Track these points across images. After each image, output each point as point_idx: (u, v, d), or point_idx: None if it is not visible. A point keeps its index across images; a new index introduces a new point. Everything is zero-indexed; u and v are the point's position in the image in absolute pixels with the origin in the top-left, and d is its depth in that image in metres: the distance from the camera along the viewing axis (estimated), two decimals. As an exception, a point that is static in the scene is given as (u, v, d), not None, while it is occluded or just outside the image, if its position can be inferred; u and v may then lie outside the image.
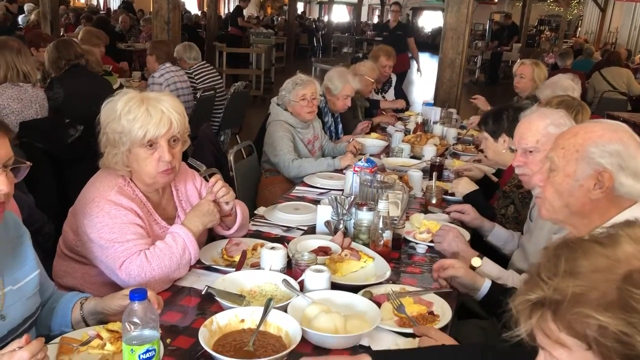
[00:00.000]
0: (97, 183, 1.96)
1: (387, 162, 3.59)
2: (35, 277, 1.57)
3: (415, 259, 2.27)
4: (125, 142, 1.89)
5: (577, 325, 0.80)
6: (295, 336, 1.51)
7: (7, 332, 1.45)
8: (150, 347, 1.30)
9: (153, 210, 2.04)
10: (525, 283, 0.88)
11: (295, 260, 1.93)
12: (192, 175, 2.29)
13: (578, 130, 1.63)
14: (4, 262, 1.49)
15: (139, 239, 1.88)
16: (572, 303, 0.80)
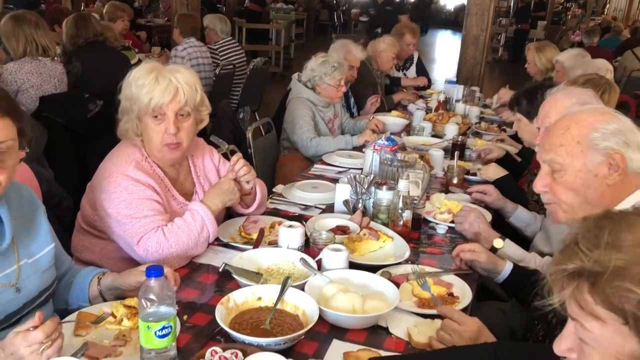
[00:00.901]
0: (115, 158, 1.95)
1: (408, 140, 3.54)
2: (50, 250, 1.57)
3: (435, 239, 2.23)
4: (135, 109, 1.89)
5: (615, 299, 0.78)
6: (313, 315, 1.49)
7: (23, 304, 1.46)
8: (167, 324, 1.29)
9: (171, 186, 2.02)
10: (562, 252, 0.86)
11: (313, 238, 1.91)
12: (210, 151, 2.27)
13: (568, 123, 1.55)
14: (19, 235, 1.49)
15: (156, 215, 1.87)
16: (612, 276, 0.78)
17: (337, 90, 3.57)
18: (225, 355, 1.33)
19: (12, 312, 1.42)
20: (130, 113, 1.91)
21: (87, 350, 1.36)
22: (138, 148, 1.97)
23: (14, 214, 1.46)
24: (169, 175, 2.03)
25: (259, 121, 3.74)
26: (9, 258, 1.45)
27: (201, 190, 2.12)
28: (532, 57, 4.75)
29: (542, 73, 4.70)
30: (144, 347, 1.29)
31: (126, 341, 1.43)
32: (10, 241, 1.43)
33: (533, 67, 4.79)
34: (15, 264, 1.46)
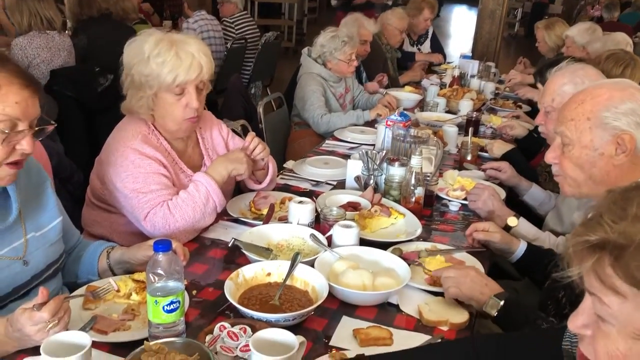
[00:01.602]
0: (122, 131, 1.93)
1: (421, 116, 3.48)
2: (58, 223, 1.56)
3: (448, 216, 2.20)
4: (153, 85, 1.84)
5: (638, 273, 0.74)
6: (322, 291, 1.48)
7: (31, 277, 1.45)
8: (175, 299, 1.28)
9: (178, 159, 2.00)
10: (584, 225, 0.81)
11: (323, 215, 1.88)
12: (219, 124, 2.24)
13: (584, 97, 1.52)
14: (27, 208, 1.48)
15: (162, 189, 1.85)
16: (638, 250, 0.74)
17: (348, 65, 3.52)
18: (233, 330, 1.32)
19: (20, 285, 1.42)
20: (146, 90, 1.85)
21: (96, 324, 1.36)
22: (144, 121, 1.94)
23: (21, 187, 1.46)
24: (175, 148, 2.01)
25: (270, 96, 3.70)
26: (16, 231, 1.44)
27: (210, 162, 2.10)
28: (541, 36, 4.72)
29: (553, 50, 4.65)
30: (152, 322, 1.28)
31: (135, 315, 1.43)
32: (17, 215, 1.43)
33: (544, 45, 4.75)
34: (23, 237, 1.45)
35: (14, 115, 1.28)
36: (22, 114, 1.29)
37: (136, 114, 1.93)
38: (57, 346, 1.14)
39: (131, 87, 1.89)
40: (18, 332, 1.21)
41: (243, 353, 1.25)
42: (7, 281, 1.38)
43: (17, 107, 1.28)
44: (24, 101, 1.29)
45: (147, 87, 1.84)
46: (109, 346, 1.31)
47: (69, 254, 1.67)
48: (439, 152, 2.43)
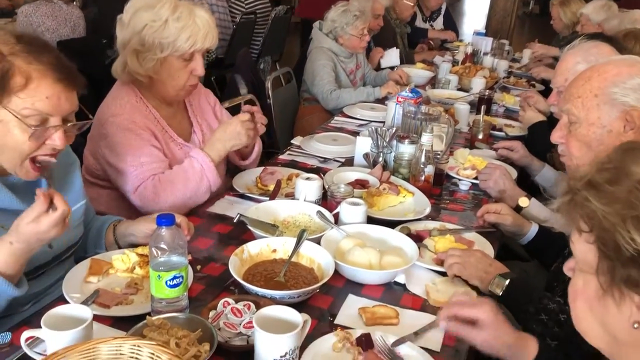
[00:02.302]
0: (109, 102, 1.90)
1: (433, 93, 3.42)
2: (81, 206, 1.54)
3: (458, 195, 2.16)
4: (165, 49, 1.80)
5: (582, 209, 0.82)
6: (328, 269, 1.45)
7: (52, 258, 1.45)
8: (178, 274, 1.25)
9: (168, 127, 1.96)
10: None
11: (331, 192, 1.85)
12: (205, 92, 2.21)
13: (591, 74, 1.48)
14: (55, 187, 1.43)
15: (153, 162, 1.82)
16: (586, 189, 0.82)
17: (360, 40, 3.46)
18: (237, 307, 1.30)
19: (41, 265, 1.42)
20: (156, 52, 1.80)
21: (98, 298, 1.34)
22: (131, 88, 1.91)
23: (51, 171, 1.42)
24: (164, 115, 1.97)
25: (278, 71, 3.64)
26: None
27: (199, 130, 2.07)
28: (556, 13, 4.63)
29: (568, 28, 4.55)
30: (155, 297, 1.27)
31: (138, 289, 1.41)
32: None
33: (558, 22, 4.67)
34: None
35: (44, 110, 1.24)
36: (54, 109, 1.25)
37: (127, 77, 1.88)
38: (58, 319, 1.12)
39: (135, 48, 1.82)
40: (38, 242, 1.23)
41: (247, 330, 1.23)
42: (31, 261, 1.35)
43: (48, 102, 1.24)
44: (56, 95, 1.25)
45: (159, 49, 1.80)
46: (111, 320, 1.29)
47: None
48: (450, 130, 2.39)
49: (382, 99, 3.32)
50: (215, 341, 1.16)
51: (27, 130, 1.25)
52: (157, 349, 1.04)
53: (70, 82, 1.28)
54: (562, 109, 1.54)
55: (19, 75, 1.21)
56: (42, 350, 1.14)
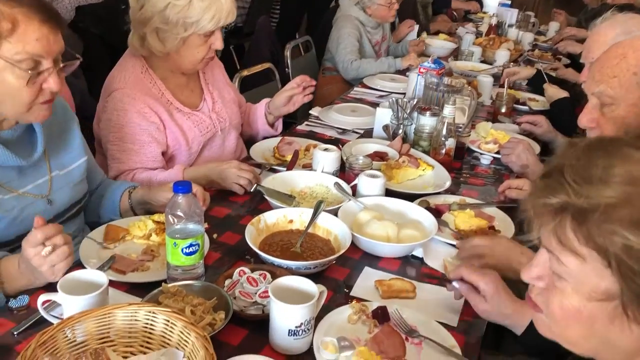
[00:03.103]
0: (116, 72, 1.89)
1: (455, 65, 3.34)
2: (82, 163, 1.53)
3: (478, 169, 2.12)
4: (190, 28, 1.77)
5: (600, 239, 0.71)
6: (345, 241, 1.43)
7: (54, 216, 1.44)
8: (194, 242, 1.24)
9: (173, 99, 1.93)
10: (545, 181, 0.77)
11: (349, 163, 1.82)
12: (219, 64, 2.18)
13: (624, 51, 1.40)
14: (51, 146, 1.45)
15: (136, 155, 1.82)
16: (600, 215, 0.71)
17: (389, 9, 3.37)
18: (253, 276, 1.29)
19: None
20: (180, 31, 1.77)
21: (115, 264, 1.34)
22: (139, 59, 1.89)
23: (47, 125, 1.42)
24: (170, 85, 1.94)
25: (298, 39, 3.58)
26: (41, 169, 1.42)
27: (210, 98, 2.05)
28: None
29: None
30: (171, 264, 1.26)
31: (154, 256, 1.41)
32: (42, 152, 1.40)
33: None
34: (47, 175, 1.43)
35: (36, 52, 1.22)
36: (44, 50, 1.24)
37: (145, 52, 1.86)
38: (74, 284, 1.12)
39: (157, 27, 1.78)
40: (24, 262, 1.19)
41: (262, 299, 1.23)
42: (31, 219, 1.35)
43: (38, 44, 1.22)
44: (45, 37, 1.23)
45: (182, 29, 1.78)
46: (126, 286, 1.29)
47: (91, 194, 1.65)
48: (473, 102, 2.33)
49: (403, 71, 3.26)
50: (231, 310, 1.16)
51: (22, 76, 1.23)
52: (172, 316, 1.04)
53: (56, 23, 1.26)
54: (593, 92, 1.46)
55: (4, 20, 1.19)
56: (59, 314, 1.14)
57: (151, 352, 1.06)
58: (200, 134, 1.97)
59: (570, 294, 0.76)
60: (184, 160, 1.96)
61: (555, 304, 0.79)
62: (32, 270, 1.18)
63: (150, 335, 1.06)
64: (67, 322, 1.00)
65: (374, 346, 1.13)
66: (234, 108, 2.15)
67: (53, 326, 0.98)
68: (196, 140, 1.95)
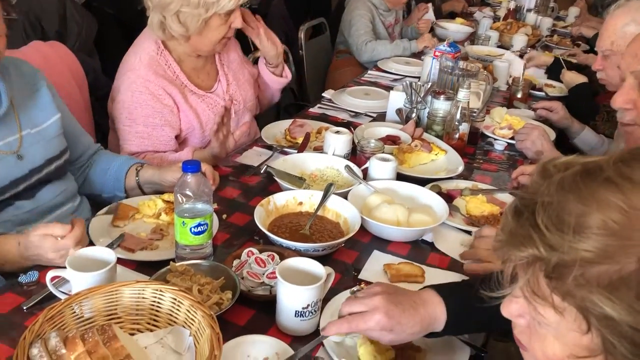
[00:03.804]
0: (131, 53, 1.89)
1: (472, 50, 3.29)
2: (57, 120, 1.52)
3: (492, 155, 2.09)
4: (211, 9, 1.76)
5: (578, 298, 0.62)
6: (354, 224, 1.42)
7: (29, 171, 1.43)
8: (202, 221, 1.24)
9: (187, 81, 1.93)
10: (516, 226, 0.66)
11: (360, 146, 1.81)
12: (235, 43, 2.16)
13: None
14: (22, 107, 1.46)
15: (146, 138, 1.82)
16: (577, 271, 0.61)
17: None
18: (261, 257, 1.28)
19: (17, 178, 1.41)
20: (201, 13, 1.76)
21: (124, 242, 1.35)
22: (154, 41, 1.88)
23: (12, 84, 1.44)
24: (185, 68, 1.94)
25: (312, 21, 3.55)
26: (11, 128, 1.43)
27: (224, 79, 2.04)
28: None
29: None
30: (179, 243, 1.26)
31: (163, 235, 1.41)
32: (8, 108, 1.40)
33: None
34: (18, 134, 1.43)
35: None
36: None
37: (167, 36, 1.85)
38: (82, 261, 1.13)
39: (178, 10, 1.76)
40: (36, 256, 1.21)
41: (270, 280, 1.22)
42: (3, 174, 1.38)
43: None
44: None
45: (203, 10, 1.76)
46: (135, 264, 1.30)
47: (84, 164, 1.66)
48: (488, 87, 2.29)
49: (418, 54, 3.22)
50: (238, 290, 1.16)
51: None
52: (179, 295, 1.04)
53: None
54: (631, 71, 1.40)
55: None
56: (67, 290, 1.15)
57: (158, 329, 1.06)
58: (214, 116, 1.96)
59: (552, 342, 0.68)
60: (197, 144, 1.95)
61: (537, 349, 0.71)
62: (38, 256, 1.20)
63: (157, 313, 1.06)
64: (74, 298, 1.01)
65: (381, 329, 1.12)
66: (249, 90, 2.14)
67: (61, 302, 0.99)
68: (210, 123, 1.94)
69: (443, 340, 1.13)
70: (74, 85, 2.00)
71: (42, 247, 1.19)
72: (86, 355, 0.88)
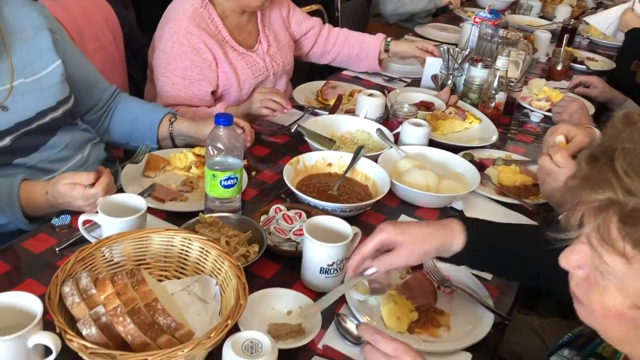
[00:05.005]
0: (176, 4, 1.87)
1: (512, 19, 3.20)
2: (56, 68, 1.45)
3: (527, 126, 2.04)
4: None
5: None
6: (383, 187, 1.41)
7: (15, 124, 1.35)
8: (233, 175, 1.25)
9: (229, 37, 1.91)
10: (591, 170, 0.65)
11: (393, 110, 1.78)
12: (280, 2, 2.12)
13: None
14: (17, 54, 1.39)
15: (182, 91, 1.82)
16: None
17: None
18: (289, 214, 1.29)
19: (2, 131, 1.33)
20: None
21: (154, 192, 1.36)
22: None
23: (15, 32, 1.39)
24: (228, 24, 1.92)
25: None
26: (2, 77, 1.36)
27: (265, 40, 2.02)
28: None
29: None
30: (209, 195, 1.27)
31: (192, 188, 1.42)
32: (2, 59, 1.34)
33: None
34: (8, 84, 1.36)
35: None
36: None
37: None
38: (113, 207, 1.14)
39: None
40: (66, 204, 1.22)
41: (296, 237, 1.23)
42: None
43: None
44: None
45: None
46: (165, 214, 1.31)
47: (103, 111, 1.65)
48: (528, 57, 2.22)
49: (457, 21, 3.13)
50: (265, 244, 1.17)
51: None
52: (207, 244, 1.05)
53: None
54: None
55: None
56: (98, 235, 1.17)
57: (185, 277, 1.08)
58: (253, 75, 1.95)
59: (613, 294, 0.67)
60: (233, 102, 1.95)
61: (595, 301, 0.69)
62: (67, 204, 1.22)
63: (185, 261, 1.08)
64: (105, 241, 1.02)
65: (405, 291, 1.13)
66: (289, 53, 2.13)
67: (92, 244, 1.01)
68: (248, 81, 1.94)
69: (467, 305, 1.13)
70: (109, 36, 2.01)
71: (71, 195, 1.20)
72: (115, 296, 0.90)
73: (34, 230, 1.25)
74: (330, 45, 2.26)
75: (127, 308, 0.88)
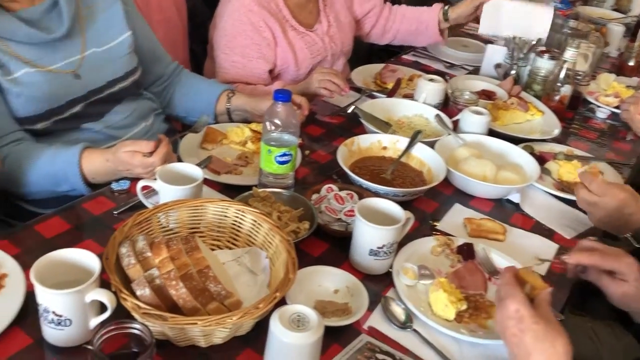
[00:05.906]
0: None
1: (584, 10, 3.05)
2: (126, 38, 1.48)
3: (592, 122, 1.96)
4: None
5: None
6: (438, 174, 1.39)
7: (87, 92, 1.40)
8: (288, 152, 1.25)
9: (290, 16, 1.90)
10: None
11: (453, 97, 1.74)
12: None
13: None
14: (89, 24, 1.42)
15: (241, 68, 1.83)
16: None
17: None
18: (340, 194, 1.28)
19: (75, 98, 1.38)
20: None
21: (211, 164, 1.38)
22: None
23: (88, 3, 1.42)
24: (290, 4, 1.91)
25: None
26: (74, 46, 1.39)
27: (325, 20, 2.00)
28: None
29: None
30: (263, 170, 1.28)
31: (247, 162, 1.44)
32: (71, 28, 1.36)
33: None
34: (80, 54, 1.40)
35: None
36: None
37: None
38: (171, 175, 1.17)
39: None
40: (126, 171, 1.26)
41: (347, 217, 1.22)
42: (62, 92, 1.36)
43: None
44: None
45: None
46: (220, 186, 1.33)
47: (166, 84, 1.68)
48: (598, 51, 2.13)
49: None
50: (315, 222, 1.17)
51: None
52: (259, 217, 1.06)
53: None
54: None
55: None
56: (155, 201, 1.19)
57: (236, 248, 1.09)
58: (311, 55, 1.95)
59: None
60: (290, 81, 1.95)
61: None
62: (127, 171, 1.26)
63: (237, 233, 1.09)
64: (162, 207, 1.05)
65: (455, 280, 1.11)
66: (349, 34, 2.11)
67: (149, 209, 1.03)
68: (306, 61, 1.93)
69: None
70: (173, 8, 2.04)
71: (131, 163, 1.23)
72: (169, 260, 0.92)
73: (94, 193, 1.29)
74: (390, 23, 2.23)
75: (180, 273, 0.90)
